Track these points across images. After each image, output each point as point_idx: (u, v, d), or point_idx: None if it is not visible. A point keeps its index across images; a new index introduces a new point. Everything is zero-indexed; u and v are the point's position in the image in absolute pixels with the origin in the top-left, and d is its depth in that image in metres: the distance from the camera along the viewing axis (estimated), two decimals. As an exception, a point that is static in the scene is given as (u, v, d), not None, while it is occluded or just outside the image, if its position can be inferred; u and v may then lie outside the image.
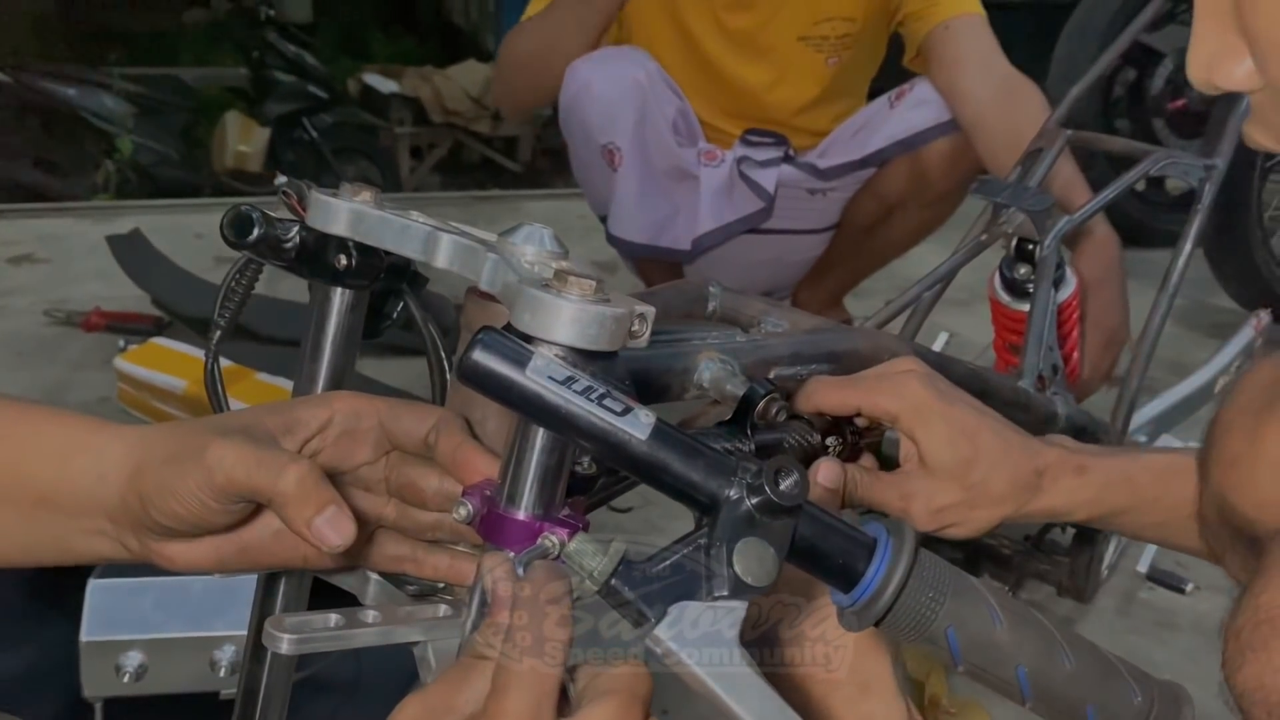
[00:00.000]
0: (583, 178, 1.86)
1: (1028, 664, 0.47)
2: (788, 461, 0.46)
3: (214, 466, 0.52)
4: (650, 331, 0.53)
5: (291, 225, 0.65)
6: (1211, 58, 0.48)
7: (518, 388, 0.47)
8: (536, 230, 0.60)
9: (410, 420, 0.57)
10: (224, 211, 0.66)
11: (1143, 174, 1.21)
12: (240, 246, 0.64)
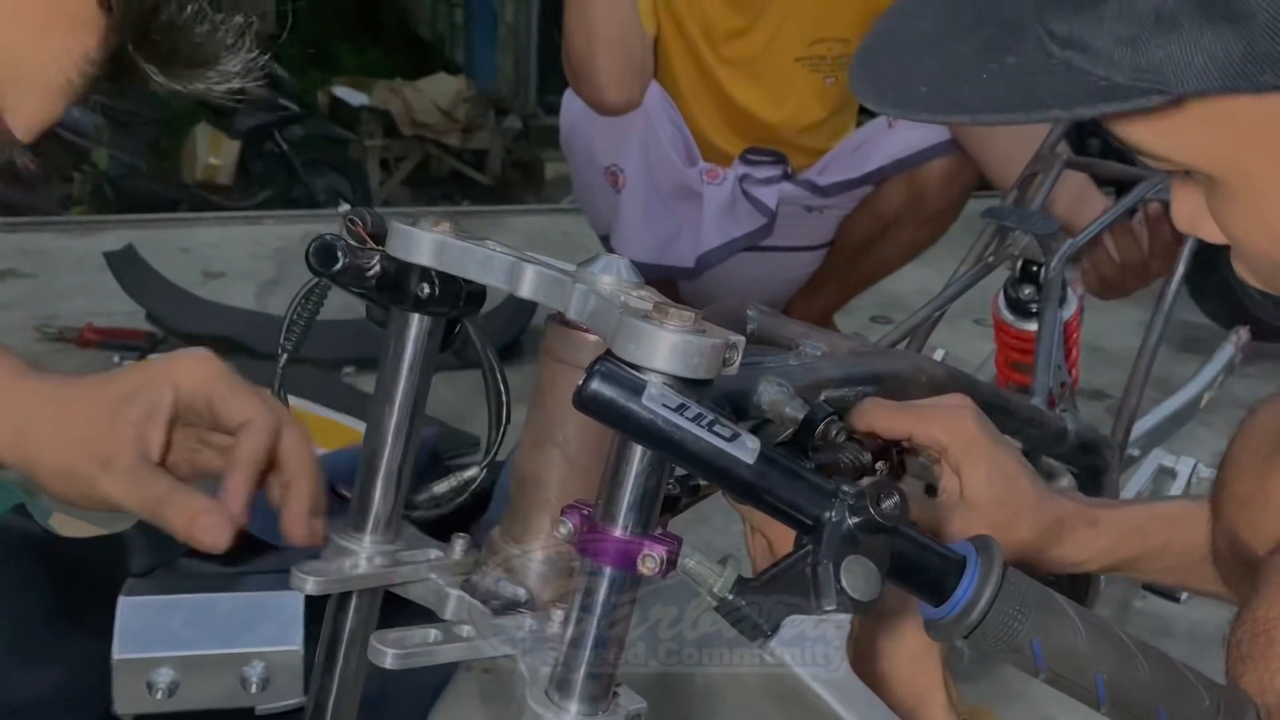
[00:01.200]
0: (585, 199, 1.89)
1: (1106, 671, 0.51)
2: (887, 484, 0.49)
3: (103, 498, 0.67)
4: (740, 358, 0.56)
5: (373, 254, 0.67)
6: (1192, 216, 0.56)
7: (634, 415, 0.49)
8: (614, 261, 0.63)
9: (233, 408, 0.71)
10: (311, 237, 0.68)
11: (1139, 198, 1.26)
12: (325, 275, 0.66)
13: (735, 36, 1.84)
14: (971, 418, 0.77)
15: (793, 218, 1.86)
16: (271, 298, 2.45)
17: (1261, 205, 0.51)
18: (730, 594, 0.47)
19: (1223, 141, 0.49)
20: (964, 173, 1.72)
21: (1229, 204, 0.53)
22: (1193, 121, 0.49)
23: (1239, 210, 0.52)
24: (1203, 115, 0.48)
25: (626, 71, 1.60)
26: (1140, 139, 0.51)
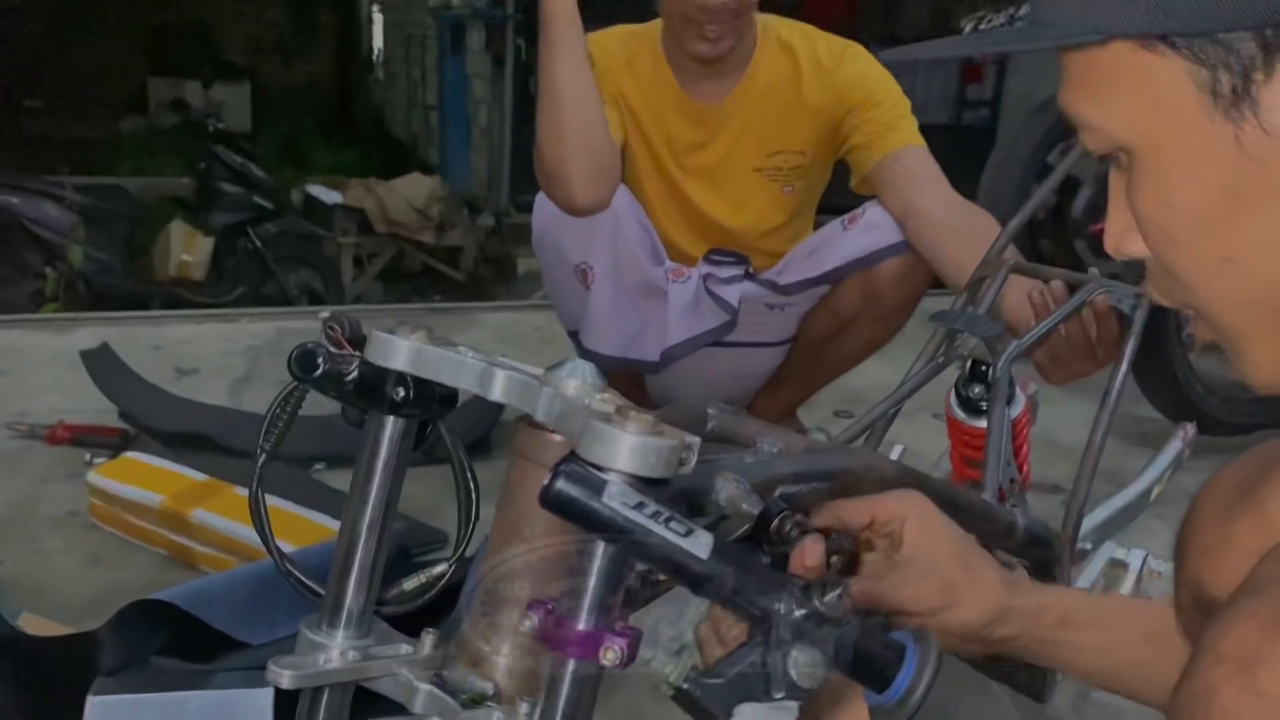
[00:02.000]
0: (556, 296, 1.95)
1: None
2: (831, 578, 0.52)
3: None
4: (696, 458, 0.60)
5: (351, 360, 0.71)
6: (1119, 233, 0.62)
7: (595, 513, 0.53)
8: (580, 366, 0.67)
9: None
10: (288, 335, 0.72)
11: (1081, 301, 1.33)
12: (306, 381, 0.70)
13: (697, 149, 1.92)
14: (924, 498, 0.82)
15: (755, 315, 1.92)
16: (244, 394, 2.47)
17: (1163, 169, 0.56)
18: (685, 683, 0.50)
19: (1142, 107, 0.55)
20: (917, 272, 1.79)
21: (1140, 179, 0.58)
22: (1123, 90, 0.56)
23: (1147, 181, 0.57)
24: (1130, 82, 0.55)
25: (595, 176, 1.67)
26: (1086, 111, 0.58)
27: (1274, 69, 0.51)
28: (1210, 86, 0.53)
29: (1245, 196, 0.54)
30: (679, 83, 1.89)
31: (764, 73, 1.90)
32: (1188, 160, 0.55)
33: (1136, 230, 0.61)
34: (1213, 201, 0.55)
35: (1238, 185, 0.54)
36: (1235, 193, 0.54)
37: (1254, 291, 0.57)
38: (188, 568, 1.67)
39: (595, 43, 1.87)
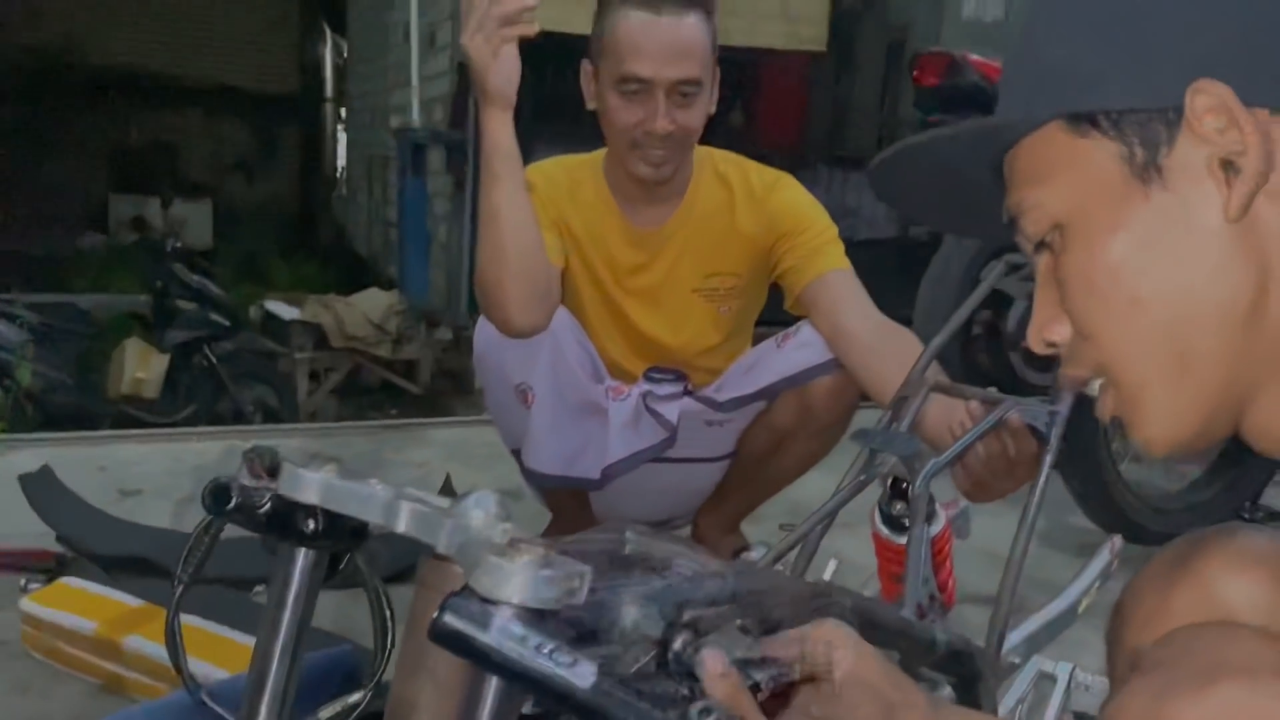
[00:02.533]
0: (497, 415, 1.98)
1: None
2: (712, 704, 0.55)
3: None
4: (588, 589, 0.63)
5: (264, 493, 0.74)
6: (1044, 324, 0.73)
7: (481, 646, 0.55)
8: (485, 497, 0.70)
9: None
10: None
11: (995, 420, 1.38)
12: (219, 514, 0.72)
13: (637, 271, 1.99)
14: (845, 632, 0.84)
15: (694, 431, 1.96)
16: (188, 515, 2.45)
17: (1089, 229, 0.67)
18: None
19: (1076, 185, 0.68)
20: (848, 389, 1.85)
21: (1071, 245, 0.69)
22: (1060, 174, 0.69)
23: (1075, 244, 0.69)
24: (1065, 160, 0.68)
25: (533, 299, 1.72)
26: (1028, 194, 0.70)
27: (1175, 143, 0.65)
28: (1129, 159, 0.66)
29: (1151, 245, 0.66)
30: (620, 208, 1.97)
31: (701, 199, 1.98)
32: (1110, 219, 0.67)
33: (1059, 318, 0.71)
34: (1126, 250, 0.66)
35: (1146, 236, 0.66)
36: (1144, 243, 0.66)
37: (1156, 336, 0.66)
38: (120, 696, 1.64)
39: (539, 171, 1.95)
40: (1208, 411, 0.66)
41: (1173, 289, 0.65)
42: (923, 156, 0.77)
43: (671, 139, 1.82)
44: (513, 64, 1.66)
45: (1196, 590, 0.80)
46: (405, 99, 7.77)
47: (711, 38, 1.84)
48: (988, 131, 0.72)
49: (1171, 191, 0.65)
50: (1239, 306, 0.64)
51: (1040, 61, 0.69)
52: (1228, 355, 0.65)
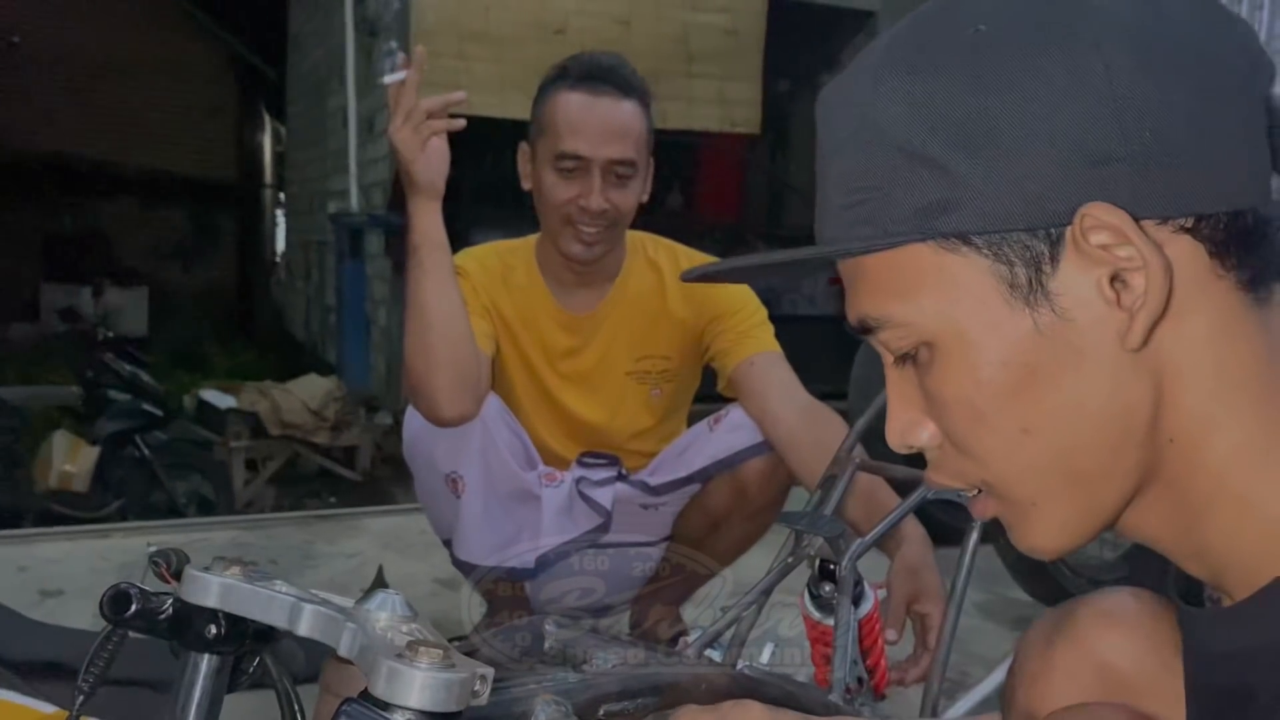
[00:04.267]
0: (427, 503, 1.95)
1: None
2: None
3: None
4: (489, 690, 0.62)
5: (165, 598, 0.72)
6: (905, 429, 0.69)
7: (377, 753, 0.54)
8: (390, 597, 0.69)
9: None
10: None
11: (920, 498, 1.40)
12: (118, 623, 0.71)
13: (570, 355, 2.00)
14: (762, 708, 0.82)
15: (629, 515, 1.95)
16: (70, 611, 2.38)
17: (969, 355, 0.62)
18: None
19: (947, 302, 0.62)
20: (780, 470, 1.86)
21: (944, 366, 0.63)
22: (928, 288, 0.62)
23: (952, 367, 0.63)
24: (933, 277, 0.62)
25: (461, 389, 1.72)
26: (892, 310, 0.64)
27: (1059, 261, 0.59)
28: (1009, 280, 0.60)
29: (1042, 372, 0.61)
30: (553, 292, 1.98)
31: (633, 283, 2.00)
32: (992, 344, 0.61)
33: (922, 423, 0.67)
34: (1015, 379, 0.61)
35: (1036, 363, 0.61)
36: (1034, 370, 0.61)
37: (1048, 460, 0.63)
38: (30, 811, 1.57)
39: (470, 256, 1.96)
40: (1096, 521, 0.65)
41: (1066, 416, 0.61)
42: (756, 275, 0.77)
43: (605, 217, 1.84)
44: (441, 155, 1.68)
45: (1075, 648, 0.83)
46: (344, 184, 7.80)
47: (647, 126, 1.88)
48: (835, 255, 0.67)
49: (1061, 316, 0.60)
50: (1134, 428, 0.61)
51: (884, 176, 0.62)
52: (1119, 472, 0.62)
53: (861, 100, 0.63)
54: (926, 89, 0.60)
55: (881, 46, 0.65)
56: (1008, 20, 0.60)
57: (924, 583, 1.45)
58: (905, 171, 0.61)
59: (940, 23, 0.63)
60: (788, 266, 0.72)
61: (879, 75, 0.63)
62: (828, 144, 0.67)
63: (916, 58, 0.62)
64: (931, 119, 0.60)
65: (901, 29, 0.65)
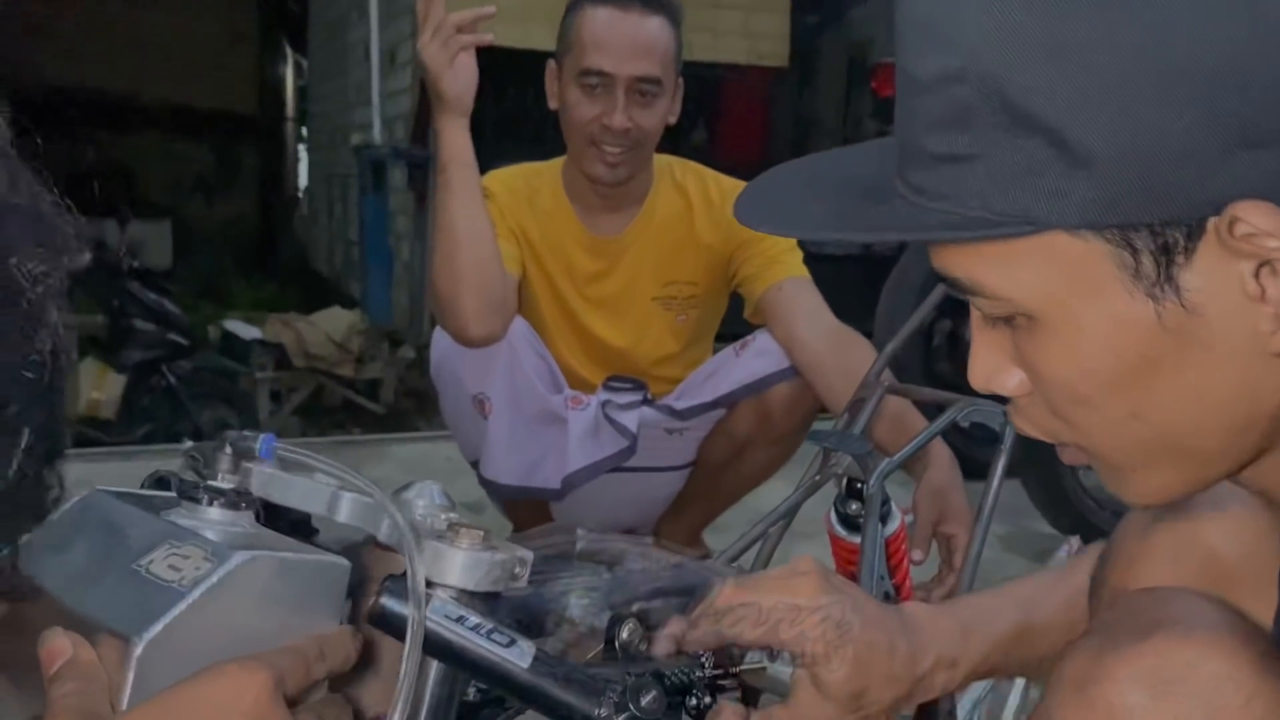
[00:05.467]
0: (454, 426, 1.96)
1: None
2: (647, 682, 0.55)
3: None
4: (529, 572, 0.62)
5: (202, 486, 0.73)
6: (990, 374, 0.64)
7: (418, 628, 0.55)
8: (427, 487, 0.70)
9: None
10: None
11: (949, 420, 1.39)
12: (158, 508, 0.71)
13: (597, 279, 1.99)
14: (820, 621, 0.79)
15: (654, 440, 1.96)
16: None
17: (1079, 340, 0.56)
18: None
19: (1053, 279, 0.55)
20: (806, 396, 1.85)
21: (1047, 342, 0.58)
22: (1031, 260, 0.55)
23: (1056, 346, 0.58)
24: (1041, 255, 0.55)
25: (488, 309, 1.72)
26: (986, 279, 0.57)
27: (1195, 252, 0.53)
28: (1133, 269, 0.54)
29: (1162, 364, 0.55)
30: (579, 217, 1.97)
31: (660, 207, 1.98)
32: (1105, 331, 0.55)
33: (1008, 370, 0.62)
34: (1129, 368, 0.56)
35: (1154, 354, 0.55)
36: (1151, 360, 0.56)
37: (1157, 442, 0.60)
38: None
39: (496, 179, 1.95)
40: (1203, 484, 0.62)
41: (1185, 405, 0.57)
42: (831, 235, 0.66)
43: (628, 137, 1.82)
44: (469, 71, 1.66)
45: (1180, 532, 0.80)
46: (366, 117, 7.75)
47: (675, 43, 1.85)
48: (938, 239, 0.59)
49: (1190, 310, 0.54)
50: (1261, 414, 0.57)
51: (988, 140, 0.54)
52: (1237, 449, 0.59)
53: (966, 24, 0.53)
54: (1051, 32, 0.51)
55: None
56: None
57: (950, 504, 1.46)
58: (1015, 139, 0.53)
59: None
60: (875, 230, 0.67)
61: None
62: (914, 64, 0.57)
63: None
64: (1053, 76, 0.51)
65: None
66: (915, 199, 0.58)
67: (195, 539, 0.61)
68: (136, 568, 0.60)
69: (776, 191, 0.66)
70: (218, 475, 0.73)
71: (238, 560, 0.58)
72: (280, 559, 0.60)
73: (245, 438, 0.71)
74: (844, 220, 0.62)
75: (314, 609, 0.59)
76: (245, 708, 0.51)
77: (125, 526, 0.66)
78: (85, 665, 0.56)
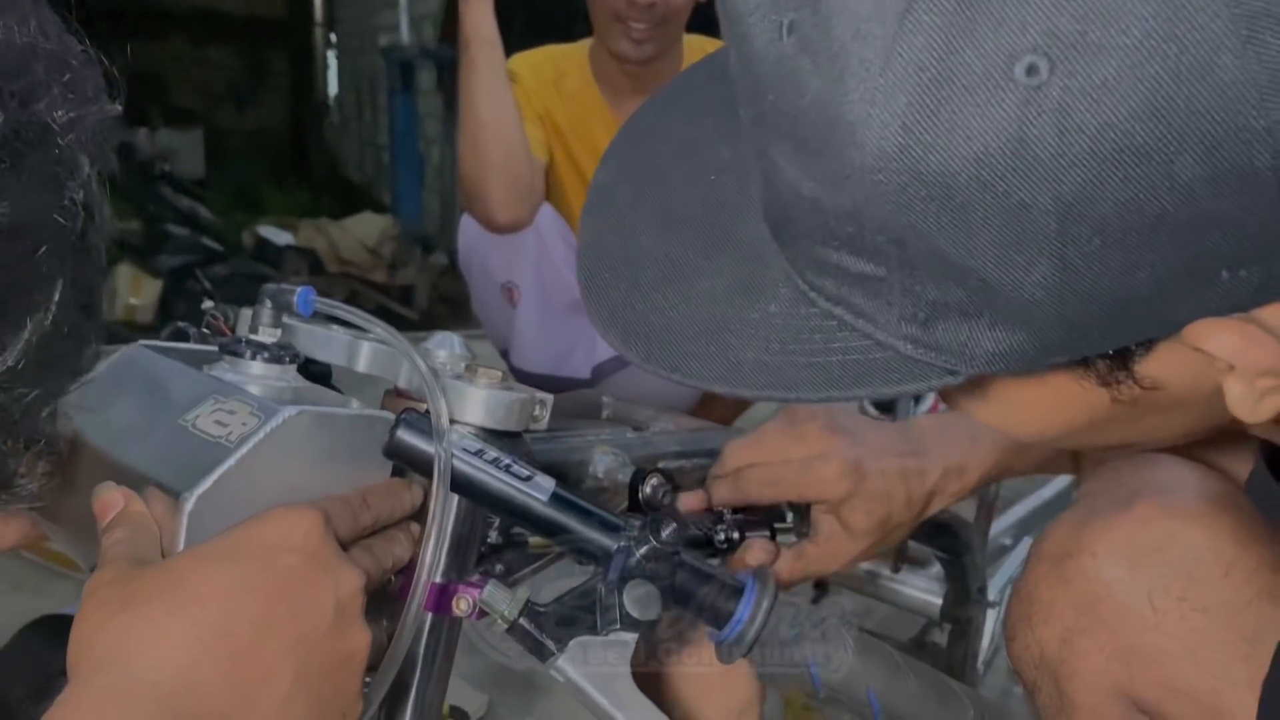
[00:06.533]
0: (483, 315, 1.96)
1: (876, 685, 0.55)
2: (667, 516, 0.54)
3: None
4: (549, 416, 0.61)
5: (221, 340, 0.72)
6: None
7: (433, 460, 0.54)
8: (447, 337, 0.69)
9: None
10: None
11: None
12: (177, 359, 0.71)
13: None
14: (838, 470, 0.80)
15: (685, 330, 1.95)
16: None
17: (1020, 411, 0.50)
18: (520, 617, 0.51)
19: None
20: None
21: (982, 405, 0.51)
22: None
23: (995, 410, 0.51)
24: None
25: (515, 194, 1.69)
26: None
27: (1153, 349, 0.45)
28: (1082, 369, 0.47)
29: (1115, 421, 0.50)
30: (607, 100, 1.93)
31: None
32: (1049, 405, 0.49)
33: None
34: (1078, 428, 0.51)
35: (1107, 417, 0.49)
36: (1104, 421, 0.50)
37: (1106, 446, 0.59)
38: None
39: (522, 62, 1.90)
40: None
41: (1137, 438, 0.53)
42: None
43: (653, 12, 1.77)
44: None
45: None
46: (393, 18, 7.62)
47: None
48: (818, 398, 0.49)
49: (1148, 388, 0.47)
50: (1220, 422, 0.50)
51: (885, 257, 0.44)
52: (1197, 434, 0.54)
53: (836, 96, 0.40)
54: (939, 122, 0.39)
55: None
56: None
57: None
58: (938, 280, 0.42)
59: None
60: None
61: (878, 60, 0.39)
62: (783, 131, 0.43)
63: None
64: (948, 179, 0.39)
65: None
66: (828, 306, 0.46)
67: (240, 394, 0.61)
68: (183, 423, 0.60)
69: (622, 256, 0.53)
70: (258, 329, 0.72)
71: (284, 415, 0.58)
72: (326, 413, 0.59)
73: (285, 291, 0.70)
74: (727, 353, 0.49)
75: (360, 462, 0.59)
76: (295, 543, 0.52)
77: (169, 381, 0.66)
78: (136, 516, 0.57)
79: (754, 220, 0.48)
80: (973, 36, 0.37)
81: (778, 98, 0.42)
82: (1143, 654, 0.59)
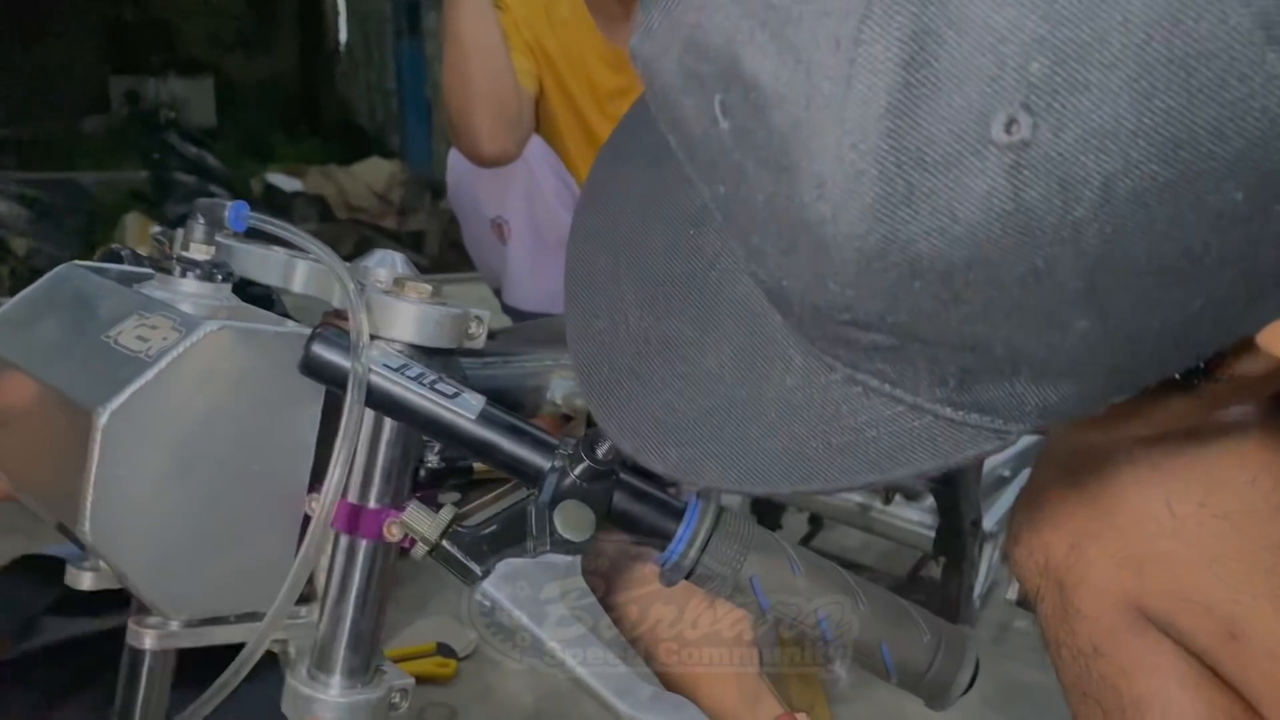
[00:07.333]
0: (475, 252, 1.93)
1: (826, 608, 0.53)
2: (602, 433, 0.51)
3: None
4: (486, 333, 0.58)
5: (159, 260, 0.70)
6: None
7: (352, 375, 0.51)
8: (389, 255, 0.66)
9: None
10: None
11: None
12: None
13: (618, 95, 1.90)
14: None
15: (681, 266, 1.91)
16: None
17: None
18: (443, 540, 0.48)
19: None
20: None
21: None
22: None
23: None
24: None
25: (501, 125, 1.65)
26: None
27: (1225, 358, 0.41)
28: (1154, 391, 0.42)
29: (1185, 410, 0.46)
30: (600, 28, 1.87)
31: None
32: (1120, 415, 0.42)
33: None
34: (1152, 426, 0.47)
35: (1182, 411, 0.45)
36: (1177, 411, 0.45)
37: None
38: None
39: None
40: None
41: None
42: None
43: None
44: None
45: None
46: (400, -42, 7.51)
47: None
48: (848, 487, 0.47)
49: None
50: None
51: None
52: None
53: (793, 197, 0.36)
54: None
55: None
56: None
57: None
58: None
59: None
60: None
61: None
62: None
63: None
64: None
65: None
66: (849, 371, 0.40)
67: (165, 309, 0.59)
68: (105, 339, 0.58)
69: (605, 337, 0.48)
70: (189, 246, 0.69)
71: (205, 330, 0.55)
72: (250, 329, 0.57)
73: (217, 205, 0.67)
74: (745, 455, 0.42)
75: (288, 382, 0.56)
76: None
77: (97, 299, 0.64)
78: None
79: (745, 273, 0.42)
80: (932, 103, 0.31)
81: (730, 192, 0.37)
82: (1157, 562, 0.55)
